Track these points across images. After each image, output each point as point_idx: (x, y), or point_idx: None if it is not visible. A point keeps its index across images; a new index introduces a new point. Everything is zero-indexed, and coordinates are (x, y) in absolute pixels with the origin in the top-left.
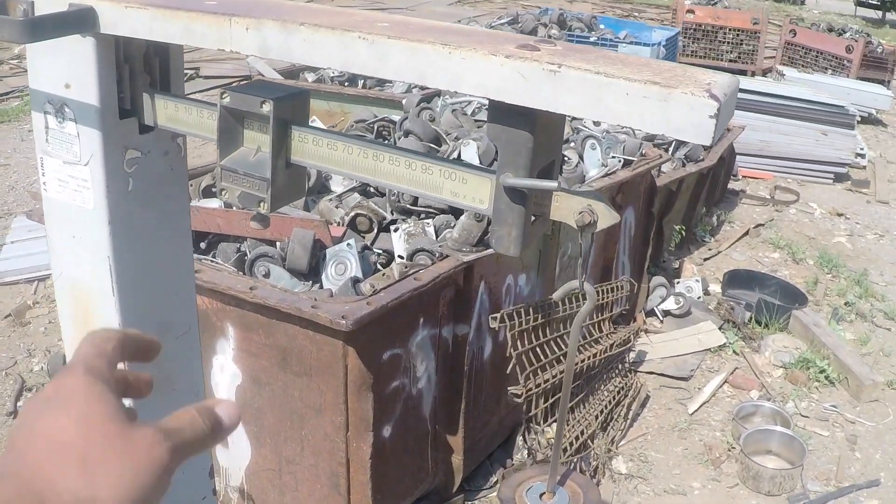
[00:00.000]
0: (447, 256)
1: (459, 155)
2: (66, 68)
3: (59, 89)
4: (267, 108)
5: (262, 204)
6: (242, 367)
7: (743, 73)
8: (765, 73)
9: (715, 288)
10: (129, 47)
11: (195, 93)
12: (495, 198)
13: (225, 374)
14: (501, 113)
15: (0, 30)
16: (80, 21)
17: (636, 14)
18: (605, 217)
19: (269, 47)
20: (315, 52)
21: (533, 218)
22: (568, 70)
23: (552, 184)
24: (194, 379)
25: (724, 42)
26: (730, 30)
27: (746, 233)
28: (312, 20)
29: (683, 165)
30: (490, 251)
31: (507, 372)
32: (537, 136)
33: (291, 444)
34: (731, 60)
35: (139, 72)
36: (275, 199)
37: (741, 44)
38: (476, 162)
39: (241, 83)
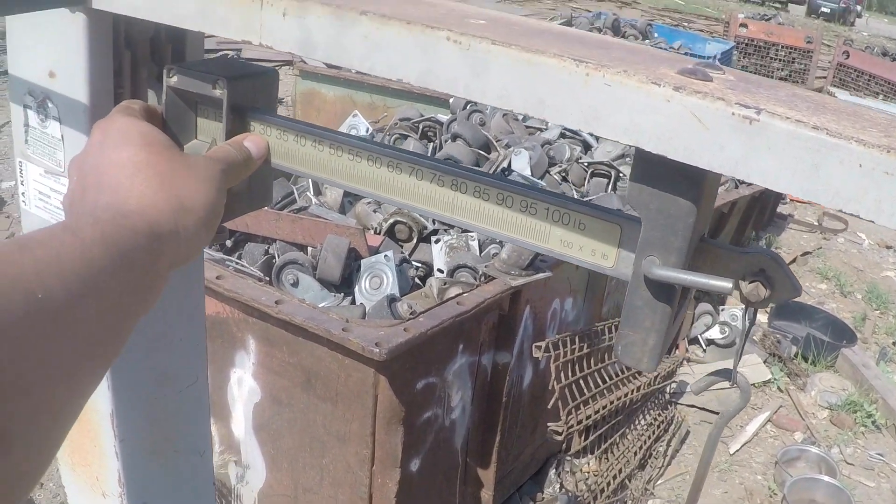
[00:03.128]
0: (493, 279)
1: (510, 164)
2: (51, 52)
3: (42, 78)
4: (220, 90)
5: None
6: (262, 383)
7: None
8: None
9: (761, 318)
10: (133, 28)
11: None
12: (630, 289)
13: (242, 389)
14: (653, 170)
15: None
16: None
17: (686, 24)
18: (784, 289)
19: (315, 44)
20: (381, 55)
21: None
22: (771, 119)
23: (725, 284)
24: (200, 439)
25: (775, 59)
26: (782, 47)
27: (793, 260)
28: (378, 7)
29: (736, 187)
30: (542, 275)
31: (549, 406)
32: (701, 205)
33: (310, 471)
34: (781, 78)
35: (144, 61)
36: (227, 207)
37: (793, 62)
38: (527, 172)
39: (200, 59)
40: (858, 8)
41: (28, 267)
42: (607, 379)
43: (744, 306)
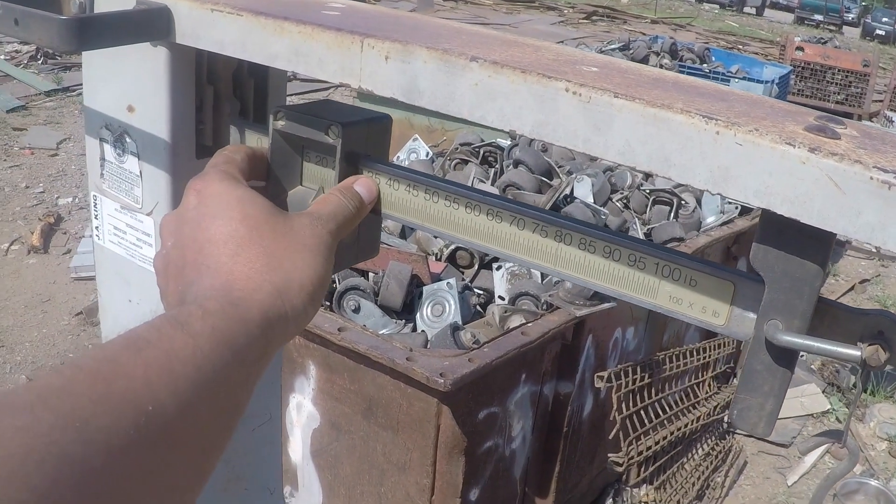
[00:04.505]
0: (556, 308)
1: (572, 191)
2: (130, 85)
3: (121, 112)
4: (333, 135)
5: None
6: (321, 409)
7: (849, 115)
8: (871, 117)
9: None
10: (216, 63)
11: (290, 96)
12: (750, 354)
13: (301, 415)
14: (781, 232)
15: (35, 31)
16: (148, 26)
17: (740, 47)
18: None
19: (420, 90)
20: (493, 105)
21: None
22: None
23: (853, 353)
24: (271, 476)
25: (832, 83)
26: (838, 70)
27: (852, 288)
28: (487, 53)
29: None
30: (607, 305)
31: (610, 437)
32: (826, 267)
33: (368, 499)
34: (837, 102)
35: (226, 97)
36: (338, 258)
37: (849, 85)
38: (589, 199)
39: (304, 103)
40: None
41: (137, 375)
42: (668, 409)
43: (859, 368)
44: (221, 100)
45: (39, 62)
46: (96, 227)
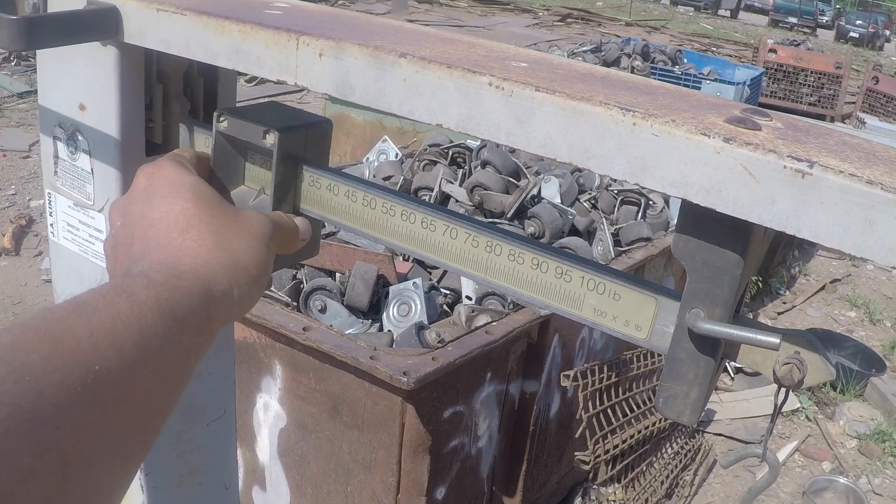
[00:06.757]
0: (522, 307)
1: (540, 191)
2: (82, 84)
3: (73, 110)
4: (271, 139)
5: None
6: (288, 409)
7: (822, 117)
8: (844, 118)
9: None
10: (165, 63)
11: (252, 100)
12: (674, 342)
13: (268, 415)
14: (700, 222)
15: None
16: (97, 26)
17: (714, 49)
18: (818, 372)
19: (352, 86)
20: (420, 100)
21: None
22: (824, 173)
23: (772, 340)
24: (226, 471)
25: (804, 84)
26: (811, 72)
27: (822, 288)
28: (418, 50)
29: None
30: None
31: (576, 435)
32: (748, 258)
33: (335, 497)
34: (810, 104)
35: (176, 96)
36: (280, 257)
37: (822, 87)
38: (557, 200)
39: (251, 103)
40: (887, 33)
41: (84, 337)
42: (635, 408)
43: (776, 386)
44: (171, 99)
45: (12, 64)
46: (51, 224)
